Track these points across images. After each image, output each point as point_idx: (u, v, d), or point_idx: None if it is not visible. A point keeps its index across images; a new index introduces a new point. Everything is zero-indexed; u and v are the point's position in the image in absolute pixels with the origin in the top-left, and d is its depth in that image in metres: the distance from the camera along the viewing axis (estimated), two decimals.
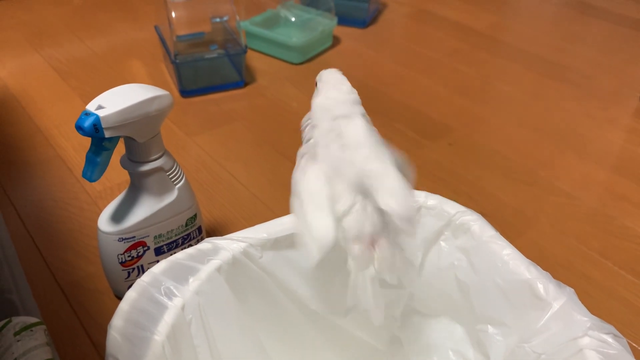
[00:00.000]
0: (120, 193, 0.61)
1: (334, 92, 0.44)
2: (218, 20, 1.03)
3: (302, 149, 0.43)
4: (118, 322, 0.36)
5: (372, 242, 0.38)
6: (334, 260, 0.45)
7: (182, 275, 0.40)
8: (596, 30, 1.30)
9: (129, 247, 0.59)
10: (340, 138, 0.41)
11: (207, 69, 1.01)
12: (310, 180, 0.39)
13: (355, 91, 0.45)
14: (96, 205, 0.75)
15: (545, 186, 0.81)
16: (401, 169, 0.42)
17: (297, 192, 0.40)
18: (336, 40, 1.21)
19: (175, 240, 0.62)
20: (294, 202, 0.40)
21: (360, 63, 1.14)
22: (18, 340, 0.44)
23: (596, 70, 1.12)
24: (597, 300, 0.64)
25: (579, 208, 0.77)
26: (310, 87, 0.51)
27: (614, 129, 0.95)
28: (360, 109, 0.45)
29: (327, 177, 0.39)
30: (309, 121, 0.44)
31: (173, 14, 0.98)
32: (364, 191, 0.38)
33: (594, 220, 0.75)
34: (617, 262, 0.69)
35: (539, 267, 0.41)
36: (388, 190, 0.38)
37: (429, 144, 0.89)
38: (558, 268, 0.68)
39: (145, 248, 0.60)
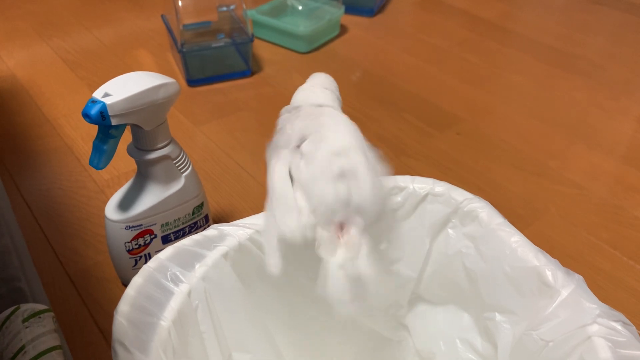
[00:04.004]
0: (127, 182, 0.61)
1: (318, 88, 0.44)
2: (225, 9, 1.03)
3: (273, 142, 0.42)
4: (124, 307, 0.36)
5: (341, 228, 0.36)
6: None
7: (188, 261, 0.40)
8: (607, 20, 1.29)
9: (136, 235, 0.59)
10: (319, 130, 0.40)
11: (214, 58, 1.01)
12: (275, 179, 0.38)
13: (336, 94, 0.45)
14: (103, 194, 0.75)
15: (554, 177, 0.80)
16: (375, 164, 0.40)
17: (268, 190, 0.38)
18: (343, 29, 1.20)
19: (182, 229, 0.62)
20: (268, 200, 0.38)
21: (367, 52, 1.13)
22: (26, 327, 0.45)
23: (607, 60, 1.11)
24: (606, 291, 0.63)
25: (588, 199, 0.76)
26: None
27: (624, 119, 0.94)
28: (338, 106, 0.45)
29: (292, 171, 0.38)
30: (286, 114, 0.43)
31: (180, 3, 0.97)
32: (340, 175, 0.37)
33: (604, 211, 0.74)
34: (626, 252, 0.68)
35: (547, 254, 0.40)
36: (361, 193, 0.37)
37: (437, 134, 0.89)
38: (567, 259, 0.67)
39: (152, 236, 0.60)
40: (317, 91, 0.45)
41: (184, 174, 0.60)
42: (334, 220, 0.36)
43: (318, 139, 0.39)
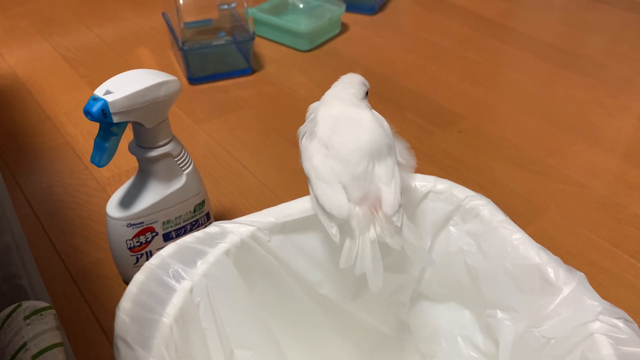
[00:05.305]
0: (128, 180, 0.61)
1: (348, 86, 0.47)
2: (226, 7, 1.03)
3: (303, 127, 0.46)
4: (126, 304, 0.36)
5: (375, 205, 0.40)
6: (342, 244, 0.45)
7: (190, 258, 0.40)
8: (608, 18, 1.29)
9: (138, 233, 0.59)
10: (347, 121, 0.44)
11: (215, 56, 1.01)
12: (315, 160, 0.42)
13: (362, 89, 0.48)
14: (105, 192, 0.75)
15: (555, 175, 0.80)
16: (405, 158, 0.45)
17: (308, 171, 0.43)
18: (344, 28, 1.20)
19: (183, 226, 0.62)
20: (310, 178, 0.42)
21: (369, 50, 1.13)
22: (28, 325, 0.45)
23: (607, 58, 1.11)
24: (607, 289, 0.63)
25: (589, 197, 0.76)
26: (318, 75, 0.51)
27: (625, 117, 0.93)
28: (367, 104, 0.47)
29: (326, 150, 0.42)
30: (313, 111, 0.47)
31: (181, 1, 0.97)
32: (372, 155, 0.42)
33: (604, 209, 0.74)
34: (627, 250, 0.68)
35: (549, 251, 0.40)
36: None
37: (438, 132, 0.89)
38: (568, 257, 0.67)
39: (154, 234, 0.60)
40: (340, 88, 0.48)
41: (185, 172, 0.60)
42: (368, 196, 0.40)
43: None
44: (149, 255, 0.61)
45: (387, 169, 0.42)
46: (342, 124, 0.43)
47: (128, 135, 0.57)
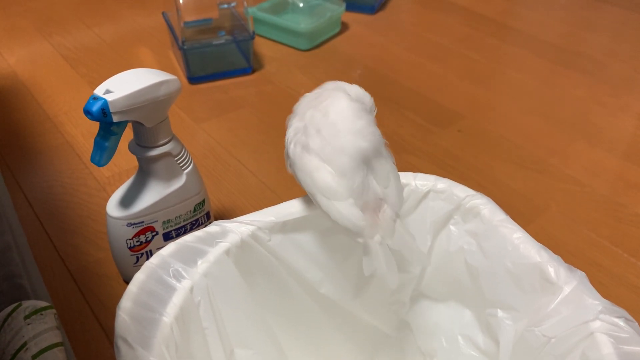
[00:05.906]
0: (128, 179, 0.61)
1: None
2: (226, 6, 1.02)
3: (289, 135, 0.45)
4: (127, 303, 0.36)
5: (377, 209, 0.41)
6: (343, 244, 0.45)
7: (190, 257, 0.40)
8: (608, 17, 1.29)
9: (138, 232, 0.59)
10: (326, 118, 0.43)
11: (215, 56, 1.01)
12: (317, 177, 0.41)
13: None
14: (105, 191, 0.75)
15: (555, 174, 0.80)
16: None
17: (310, 188, 0.42)
18: (344, 27, 1.20)
19: (183, 226, 0.62)
20: (316, 197, 0.42)
21: (368, 49, 1.13)
22: (28, 324, 0.45)
23: (608, 57, 1.11)
24: (607, 288, 0.63)
25: (589, 196, 0.76)
26: (318, 74, 0.51)
27: (625, 116, 0.93)
28: (344, 94, 0.46)
29: (325, 162, 0.41)
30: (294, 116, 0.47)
31: (181, 0, 0.97)
32: (365, 163, 0.42)
33: (605, 208, 0.74)
34: (627, 249, 0.68)
35: (549, 250, 0.40)
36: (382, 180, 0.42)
37: (438, 131, 0.89)
38: (568, 256, 0.67)
39: (154, 233, 0.60)
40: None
41: (185, 171, 0.60)
42: (370, 202, 0.41)
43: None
44: (149, 254, 0.61)
45: (382, 169, 0.42)
46: (330, 131, 0.42)
47: (128, 135, 0.57)
